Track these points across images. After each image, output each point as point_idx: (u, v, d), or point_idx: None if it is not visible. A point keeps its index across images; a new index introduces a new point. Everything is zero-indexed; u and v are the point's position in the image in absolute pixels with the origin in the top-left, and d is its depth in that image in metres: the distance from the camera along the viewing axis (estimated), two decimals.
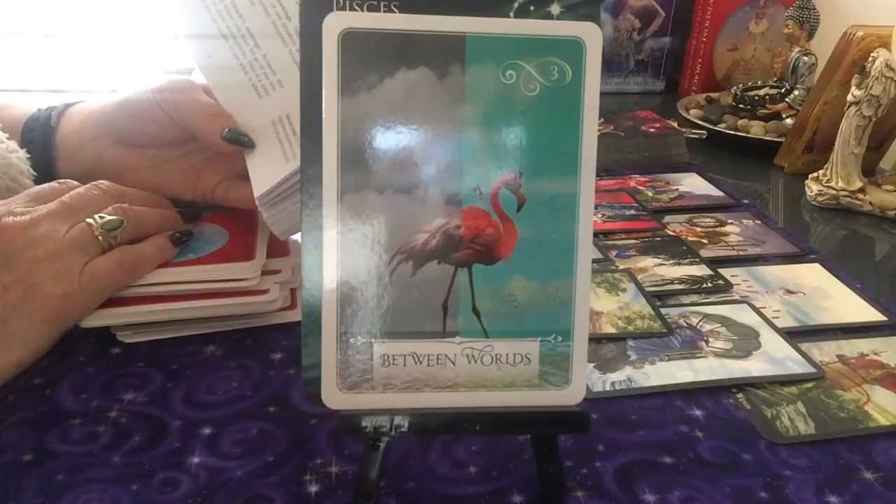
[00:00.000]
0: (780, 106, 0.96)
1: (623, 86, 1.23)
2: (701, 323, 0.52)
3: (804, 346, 0.49)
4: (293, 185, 0.46)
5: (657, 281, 0.58)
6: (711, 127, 0.94)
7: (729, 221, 0.70)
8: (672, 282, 0.58)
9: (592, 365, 0.47)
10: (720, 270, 0.60)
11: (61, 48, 1.19)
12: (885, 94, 0.70)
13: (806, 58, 0.96)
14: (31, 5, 1.22)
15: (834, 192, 0.74)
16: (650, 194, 0.77)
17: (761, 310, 0.54)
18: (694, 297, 0.56)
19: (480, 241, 0.34)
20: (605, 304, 0.54)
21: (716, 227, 0.69)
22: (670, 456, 0.40)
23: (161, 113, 0.51)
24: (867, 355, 0.49)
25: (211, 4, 0.49)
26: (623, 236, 0.66)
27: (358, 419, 0.33)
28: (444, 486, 0.37)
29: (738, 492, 0.37)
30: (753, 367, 0.47)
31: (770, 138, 0.90)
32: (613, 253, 0.63)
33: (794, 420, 0.43)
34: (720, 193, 0.77)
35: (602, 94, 0.34)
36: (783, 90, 0.97)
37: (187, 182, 0.54)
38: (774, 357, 0.48)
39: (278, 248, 0.52)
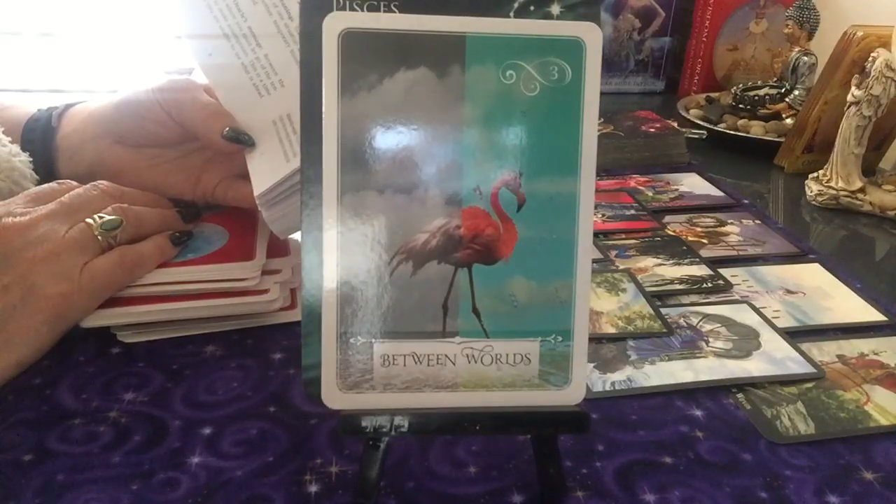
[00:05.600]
0: (780, 106, 0.96)
1: (623, 86, 1.23)
2: (701, 323, 0.52)
3: (804, 346, 0.49)
4: (293, 184, 0.46)
5: (657, 281, 0.58)
6: (711, 127, 0.94)
7: (729, 221, 0.70)
8: (672, 282, 0.58)
9: (592, 365, 0.47)
10: (720, 270, 0.60)
11: (61, 48, 1.19)
12: (885, 94, 0.70)
13: (806, 58, 0.96)
14: (31, 5, 1.22)
15: (834, 192, 0.74)
16: (650, 194, 0.77)
17: (761, 310, 0.54)
18: (694, 297, 0.56)
19: (480, 241, 0.34)
20: (605, 304, 0.54)
21: (716, 227, 0.69)
22: (670, 456, 0.40)
23: (161, 112, 0.51)
24: (867, 355, 0.49)
25: (213, 3, 0.49)
26: (623, 236, 0.66)
27: (358, 419, 0.33)
28: (444, 486, 0.37)
29: (738, 492, 0.37)
30: (753, 367, 0.47)
31: (770, 138, 0.90)
32: (613, 253, 0.63)
33: (794, 420, 0.43)
34: (720, 193, 0.77)
35: (602, 94, 0.34)
36: (783, 90, 0.97)
37: (187, 182, 0.54)
38: (774, 357, 0.48)
39: (278, 248, 0.52)
